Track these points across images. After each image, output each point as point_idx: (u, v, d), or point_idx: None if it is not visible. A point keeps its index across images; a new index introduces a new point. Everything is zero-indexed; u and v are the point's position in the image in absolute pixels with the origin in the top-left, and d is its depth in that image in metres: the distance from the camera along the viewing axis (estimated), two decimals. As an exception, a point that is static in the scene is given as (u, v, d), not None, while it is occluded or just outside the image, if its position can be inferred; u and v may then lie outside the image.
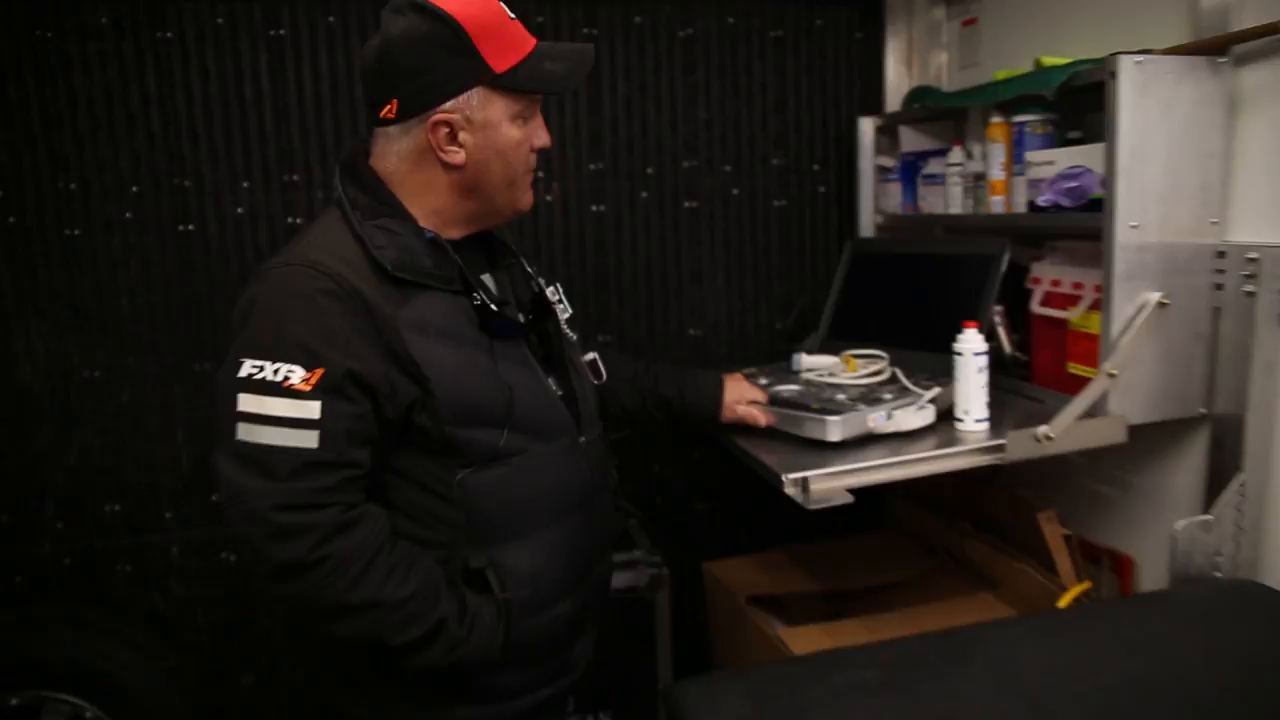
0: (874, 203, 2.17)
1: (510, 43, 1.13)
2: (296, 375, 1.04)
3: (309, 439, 1.04)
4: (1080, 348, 1.57)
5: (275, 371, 1.04)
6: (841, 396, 1.51)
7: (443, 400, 1.10)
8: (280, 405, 1.04)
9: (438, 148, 1.13)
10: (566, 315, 1.33)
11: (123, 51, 1.88)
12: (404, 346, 1.09)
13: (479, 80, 1.11)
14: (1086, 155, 1.46)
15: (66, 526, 1.98)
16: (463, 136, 1.13)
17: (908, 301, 1.83)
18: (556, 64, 1.16)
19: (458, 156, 1.13)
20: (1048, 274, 1.64)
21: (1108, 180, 1.39)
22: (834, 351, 1.80)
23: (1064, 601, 1.50)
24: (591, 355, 1.40)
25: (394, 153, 1.15)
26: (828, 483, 1.35)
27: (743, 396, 1.54)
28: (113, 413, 1.97)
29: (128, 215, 1.93)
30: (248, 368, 1.05)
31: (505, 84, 1.12)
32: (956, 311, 1.69)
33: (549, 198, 2.12)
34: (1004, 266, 1.66)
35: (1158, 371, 1.45)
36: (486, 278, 1.25)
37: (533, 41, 1.16)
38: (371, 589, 1.06)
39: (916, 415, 1.46)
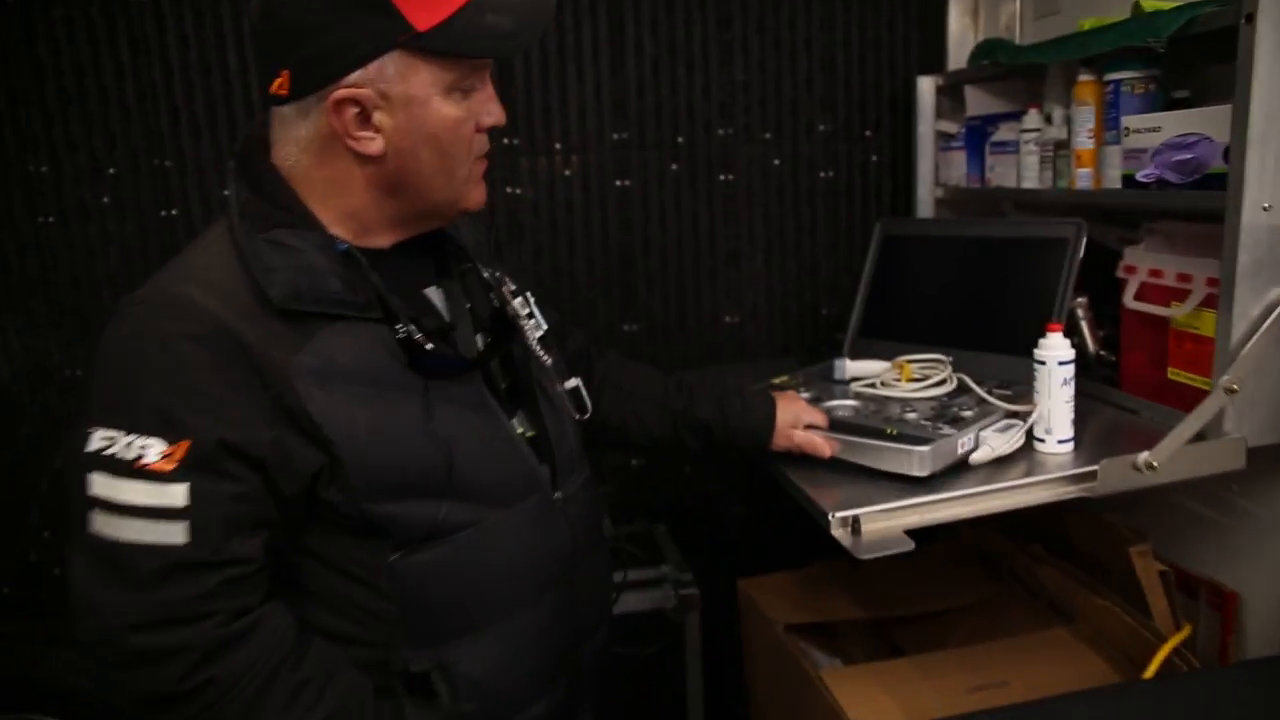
0: (934, 174, 1.91)
1: None
2: (154, 451, 0.81)
3: (174, 533, 0.81)
4: (1185, 351, 1.32)
5: (128, 445, 0.81)
6: (912, 415, 1.28)
7: (354, 469, 0.87)
8: (137, 490, 0.80)
9: (346, 133, 0.87)
10: (540, 333, 1.07)
11: (92, 17, 1.70)
12: (299, 402, 0.84)
13: (395, 42, 0.84)
14: (1205, 120, 1.20)
15: (53, 535, 1.85)
16: (378, 118, 0.87)
17: (957, 293, 1.59)
18: (501, 16, 0.88)
19: (373, 144, 0.88)
20: (1145, 262, 1.38)
21: (1234, 151, 1.13)
22: (865, 353, 1.57)
23: (1162, 653, 1.27)
24: (574, 383, 1.12)
25: (293, 141, 0.90)
26: (882, 522, 1.13)
27: (800, 419, 1.27)
28: (98, 413, 1.82)
29: (105, 200, 1.76)
30: (98, 439, 0.82)
31: (432, 46, 0.85)
32: (1020, 305, 1.46)
33: (567, 172, 1.91)
34: (1080, 252, 1.41)
35: (1287, 384, 1.20)
36: (432, 292, 1.01)
37: None
38: (270, 717, 0.84)
39: (1010, 438, 1.22)
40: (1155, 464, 1.15)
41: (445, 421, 0.91)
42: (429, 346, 0.90)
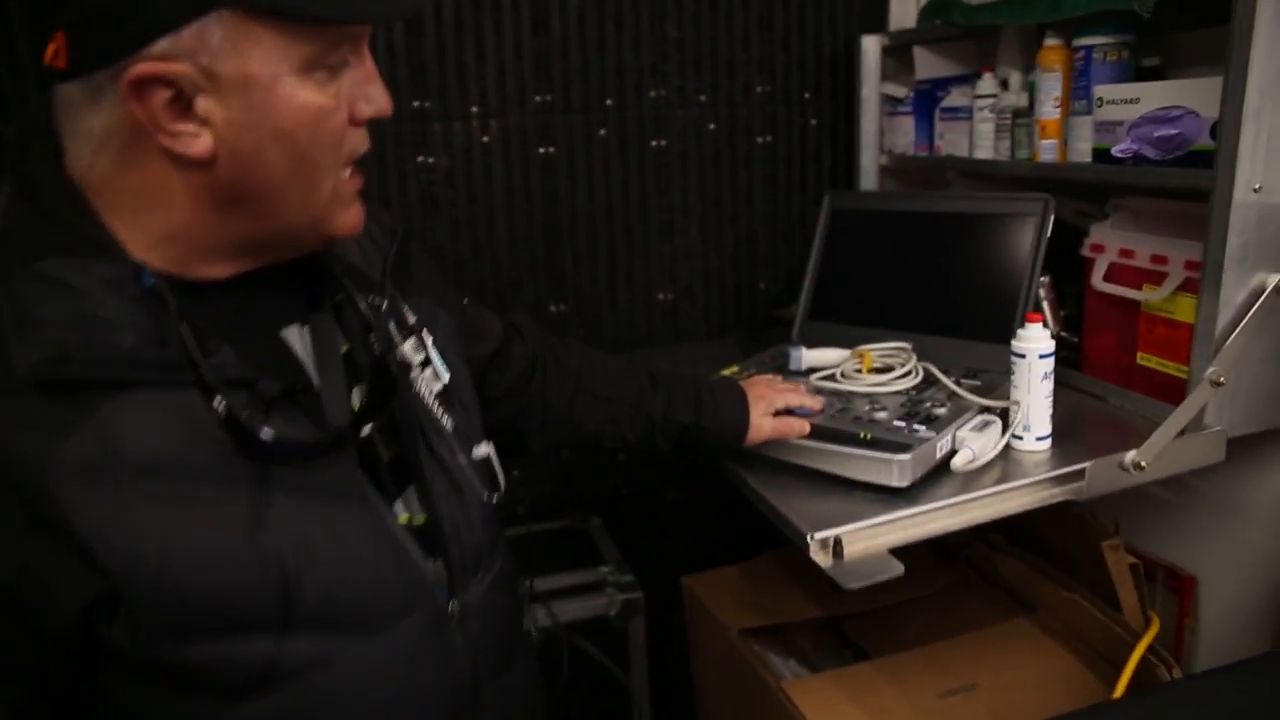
0: (878, 140, 1.81)
1: None
2: None
3: None
4: (1158, 336, 1.26)
5: None
6: (882, 414, 1.17)
7: (142, 603, 0.62)
8: None
9: (155, 126, 0.61)
10: (440, 385, 0.81)
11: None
12: (58, 511, 0.59)
13: None
14: (1191, 92, 1.12)
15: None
16: (204, 105, 0.61)
17: (912, 273, 1.48)
18: None
19: (197, 142, 0.62)
20: (1114, 241, 1.31)
21: (1226, 128, 1.05)
22: (816, 338, 1.47)
23: (1136, 654, 1.23)
24: (484, 450, 0.84)
25: (82, 135, 0.63)
26: (864, 541, 1.03)
27: (772, 405, 1.15)
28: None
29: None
30: None
31: (278, 4, 0.60)
32: (982, 286, 1.38)
33: (485, 138, 1.72)
34: (1048, 230, 1.33)
35: (1265, 373, 1.15)
36: (294, 334, 0.74)
37: None
38: None
39: (989, 438, 1.13)
40: (1143, 464, 1.09)
41: (285, 524, 0.66)
42: (263, 432, 0.63)
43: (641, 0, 1.73)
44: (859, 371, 1.33)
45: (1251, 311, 1.10)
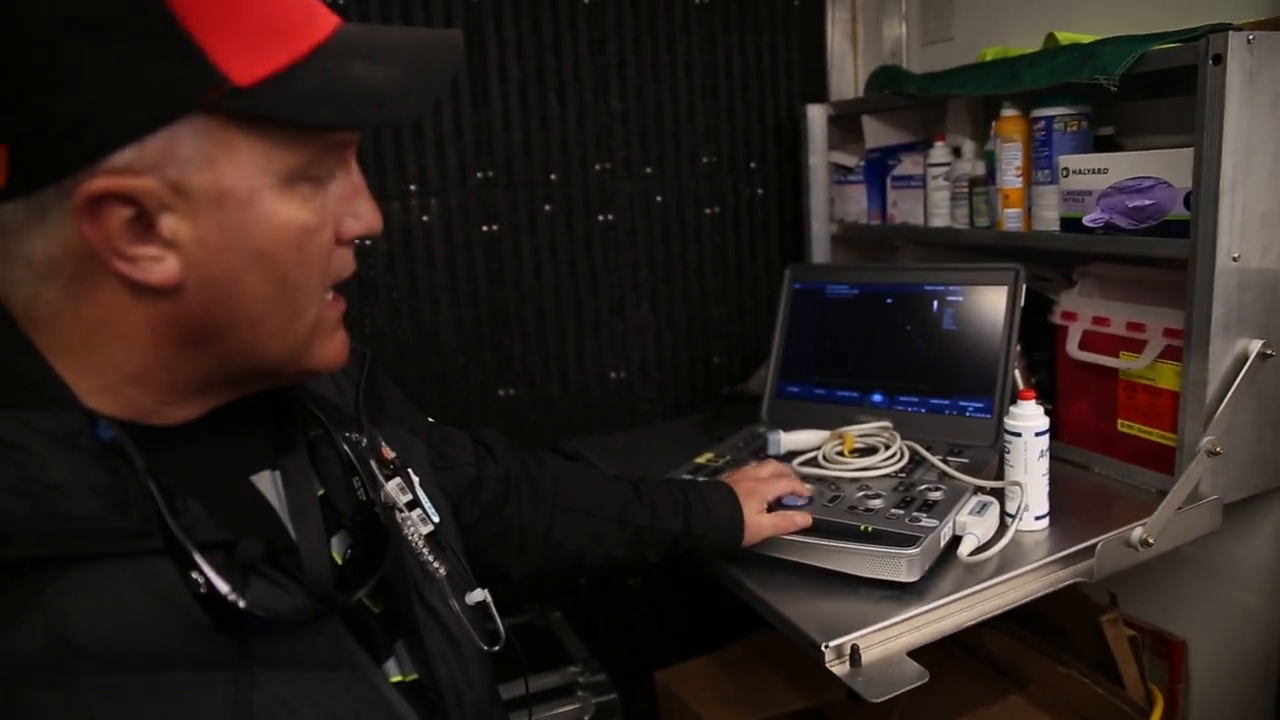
0: (828, 209, 1.79)
1: (271, 21, 0.52)
2: None
3: None
4: (1139, 403, 1.24)
5: None
6: (877, 502, 1.11)
7: None
8: None
9: (111, 250, 0.51)
10: (429, 529, 0.73)
11: None
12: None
13: (194, 101, 0.50)
14: (1161, 163, 1.12)
15: None
16: (170, 225, 0.52)
17: (882, 347, 1.43)
18: (377, 67, 0.55)
19: (159, 268, 0.52)
20: (1086, 309, 1.30)
21: (1203, 199, 1.05)
22: (785, 417, 1.42)
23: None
24: (479, 595, 0.75)
25: (23, 261, 0.52)
26: (880, 646, 0.96)
27: (765, 500, 1.07)
28: None
29: None
30: None
31: (260, 109, 0.52)
32: (957, 359, 1.35)
33: (425, 218, 1.63)
34: (1021, 300, 1.32)
35: (1253, 438, 1.14)
36: (266, 481, 0.64)
37: (329, 22, 0.55)
38: None
39: (988, 522, 1.09)
40: (1151, 540, 1.06)
41: (274, 707, 0.55)
42: (244, 602, 0.53)
43: (584, 71, 1.69)
44: (841, 454, 1.27)
45: (1239, 379, 1.09)
